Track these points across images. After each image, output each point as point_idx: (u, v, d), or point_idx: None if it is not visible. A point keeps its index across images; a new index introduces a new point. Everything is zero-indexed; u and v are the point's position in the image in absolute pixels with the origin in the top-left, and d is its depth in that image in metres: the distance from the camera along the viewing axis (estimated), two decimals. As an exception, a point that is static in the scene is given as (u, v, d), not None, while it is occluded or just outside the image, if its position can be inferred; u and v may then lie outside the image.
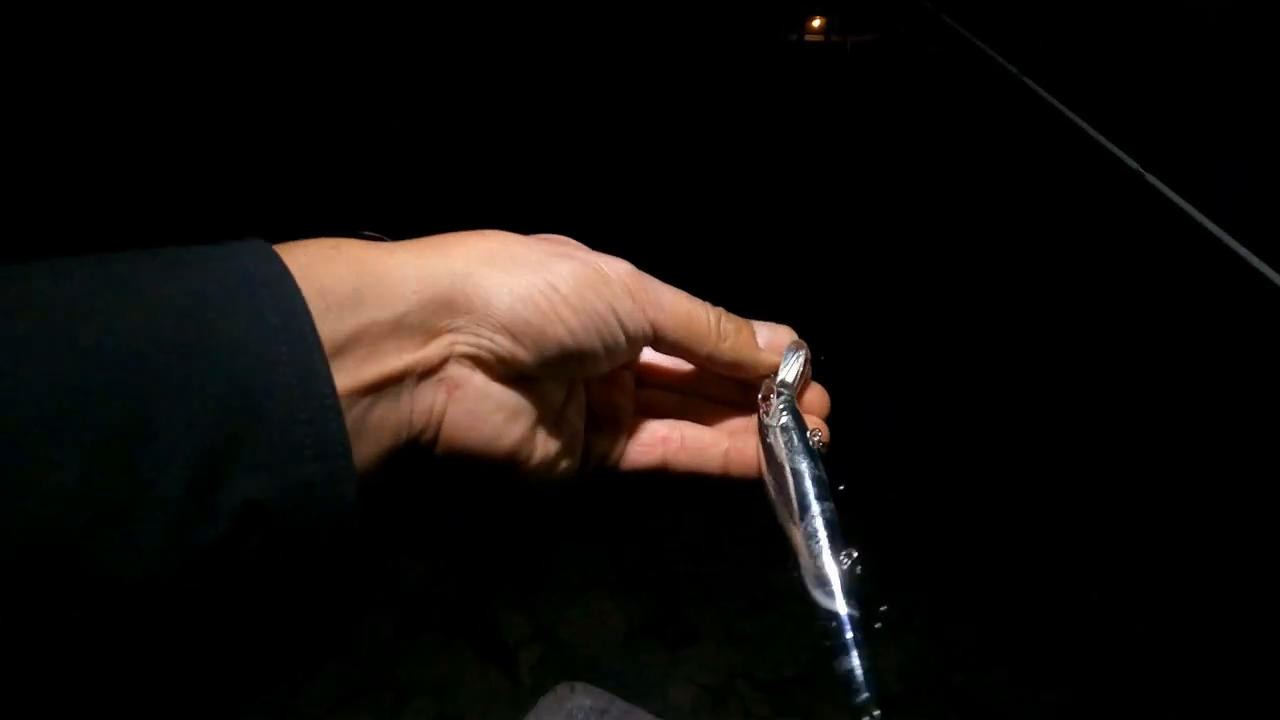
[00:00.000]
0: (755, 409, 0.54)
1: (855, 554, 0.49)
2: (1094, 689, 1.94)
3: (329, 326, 0.38)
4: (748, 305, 0.54)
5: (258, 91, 2.53)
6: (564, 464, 0.48)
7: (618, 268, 0.47)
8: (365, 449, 0.39)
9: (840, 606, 0.47)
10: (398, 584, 2.06)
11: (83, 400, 0.32)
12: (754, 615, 2.10)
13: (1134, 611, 2.07)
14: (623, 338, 0.46)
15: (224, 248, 0.38)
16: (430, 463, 0.44)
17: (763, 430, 0.51)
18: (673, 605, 2.12)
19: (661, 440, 0.52)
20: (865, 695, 0.46)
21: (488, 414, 0.44)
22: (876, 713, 0.46)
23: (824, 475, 0.50)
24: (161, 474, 0.33)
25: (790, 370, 0.53)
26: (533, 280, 0.43)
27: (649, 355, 0.53)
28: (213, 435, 0.34)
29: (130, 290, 0.34)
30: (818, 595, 0.47)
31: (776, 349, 0.52)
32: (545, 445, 0.47)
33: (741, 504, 0.56)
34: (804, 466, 0.50)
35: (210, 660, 1.70)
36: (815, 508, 0.49)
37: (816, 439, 0.51)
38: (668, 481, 0.53)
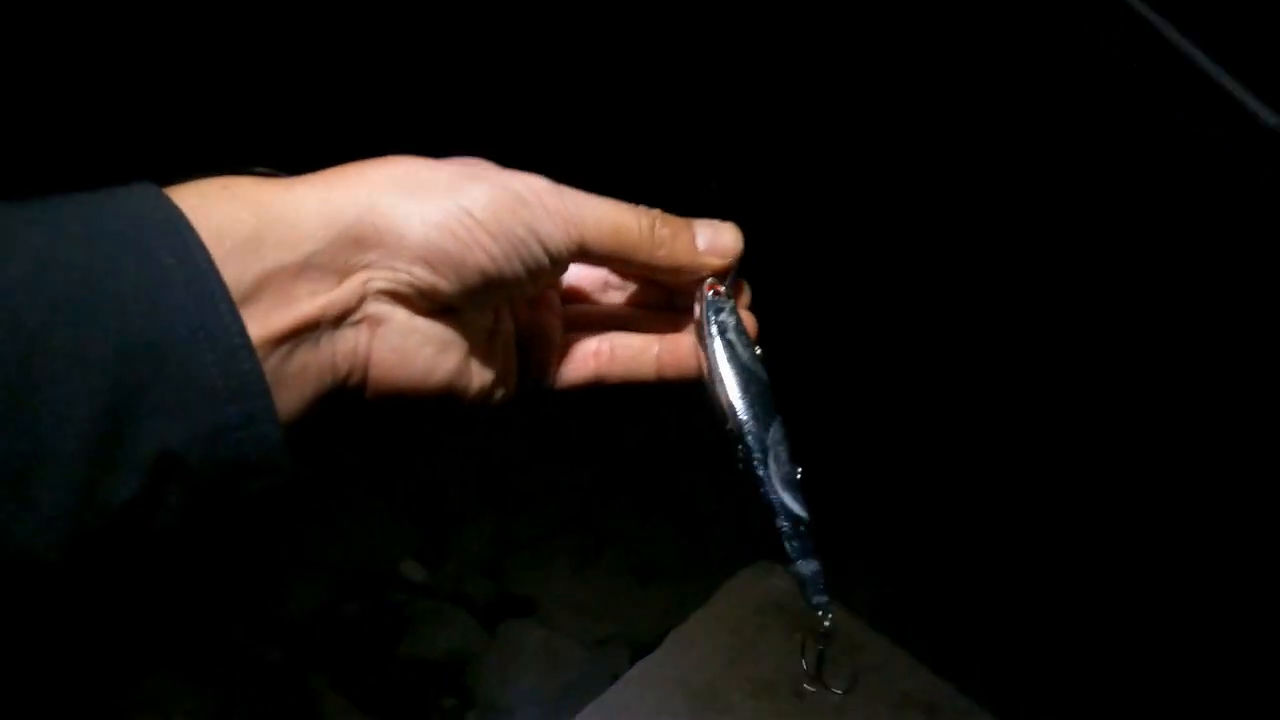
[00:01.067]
0: (683, 310, 0.53)
1: (799, 465, 0.51)
2: None
3: (231, 273, 0.35)
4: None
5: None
6: (501, 390, 0.48)
7: (534, 184, 0.44)
8: (288, 399, 0.38)
9: (803, 510, 0.50)
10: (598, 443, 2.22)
11: None
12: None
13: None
14: (546, 259, 0.44)
15: (107, 193, 0.36)
16: (361, 406, 0.42)
17: (703, 334, 0.51)
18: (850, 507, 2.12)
19: (593, 354, 0.51)
20: (824, 597, 0.51)
21: (416, 349, 0.42)
22: (830, 616, 0.51)
23: (768, 380, 0.51)
24: (58, 430, 0.31)
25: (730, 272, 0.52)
26: (445, 206, 0.41)
27: (573, 271, 0.51)
28: (111, 387, 0.32)
29: (2, 243, 0.32)
30: (784, 499, 0.50)
31: (717, 250, 0.50)
32: (481, 373, 0.46)
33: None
34: (758, 372, 0.50)
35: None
36: (774, 417, 0.50)
37: (757, 350, 0.51)
38: (605, 393, 0.52)
